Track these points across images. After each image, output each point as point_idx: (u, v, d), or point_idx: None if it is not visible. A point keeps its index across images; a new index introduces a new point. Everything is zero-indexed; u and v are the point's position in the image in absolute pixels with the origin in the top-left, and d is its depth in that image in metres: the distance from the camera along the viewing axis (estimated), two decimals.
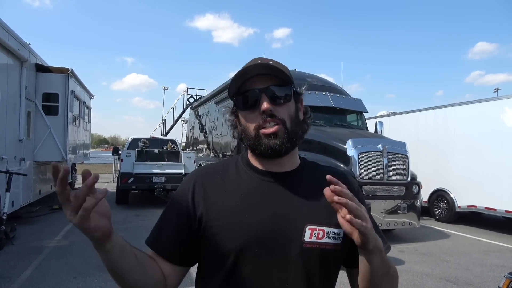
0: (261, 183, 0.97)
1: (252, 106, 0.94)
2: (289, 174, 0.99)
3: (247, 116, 0.95)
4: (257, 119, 0.93)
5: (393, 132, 9.97)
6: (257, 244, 0.90)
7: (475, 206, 8.54)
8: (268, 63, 0.93)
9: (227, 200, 0.95)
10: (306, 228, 0.91)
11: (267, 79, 0.94)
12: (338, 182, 0.79)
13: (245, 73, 0.93)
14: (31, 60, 7.83)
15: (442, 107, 9.89)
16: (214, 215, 0.94)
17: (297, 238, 0.91)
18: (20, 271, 4.60)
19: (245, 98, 0.95)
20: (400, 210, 6.66)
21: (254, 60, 0.97)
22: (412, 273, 5.10)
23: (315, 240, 0.91)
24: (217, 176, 1.00)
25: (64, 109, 8.74)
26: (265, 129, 0.92)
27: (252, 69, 0.93)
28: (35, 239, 6.18)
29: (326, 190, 0.78)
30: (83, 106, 11.48)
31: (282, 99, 0.94)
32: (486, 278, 5.00)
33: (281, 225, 0.91)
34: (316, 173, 1.03)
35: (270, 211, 0.93)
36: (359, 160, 6.40)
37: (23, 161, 7.32)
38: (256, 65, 0.93)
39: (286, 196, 0.95)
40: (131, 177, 9.80)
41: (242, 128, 0.98)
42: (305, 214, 0.93)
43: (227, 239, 0.91)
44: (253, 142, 0.94)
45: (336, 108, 8.19)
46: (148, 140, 11.71)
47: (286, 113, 0.95)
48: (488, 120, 8.39)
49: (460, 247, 6.74)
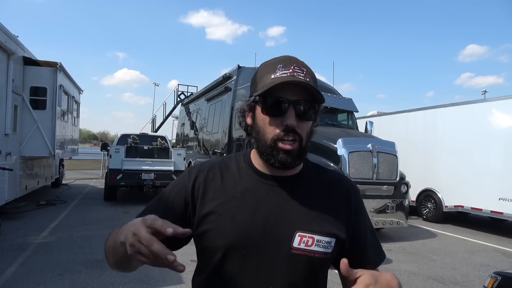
0: (259, 185, 0.97)
1: (276, 114, 0.91)
2: (289, 179, 0.98)
3: (267, 121, 0.92)
4: (278, 128, 0.91)
5: (383, 132, 10.05)
6: (246, 244, 0.91)
7: (462, 206, 8.67)
8: (308, 82, 0.89)
9: (223, 197, 0.95)
10: (296, 234, 0.91)
11: (299, 91, 0.91)
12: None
13: (281, 82, 0.88)
14: (19, 53, 7.68)
15: (431, 108, 10.00)
16: (209, 210, 0.94)
17: (285, 243, 0.91)
18: (4, 268, 4.51)
19: (271, 104, 0.91)
20: (388, 210, 6.72)
21: (287, 61, 0.92)
22: (399, 272, 5.15)
23: (304, 247, 0.91)
24: (218, 172, 1.00)
25: (52, 103, 8.59)
26: (284, 144, 0.91)
27: (290, 80, 0.88)
28: (20, 235, 6.08)
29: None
30: (72, 101, 11.31)
31: (307, 117, 0.93)
32: (472, 277, 5.07)
33: (272, 228, 0.91)
34: (318, 178, 1.03)
35: (263, 213, 0.93)
36: (349, 159, 6.44)
37: (9, 156, 7.18)
38: (294, 77, 0.89)
39: (282, 200, 0.95)
40: (120, 173, 9.70)
41: (257, 129, 0.95)
42: (297, 220, 0.93)
43: (218, 236, 0.92)
44: (267, 151, 0.93)
45: (327, 107, 8.21)
46: (138, 136, 11.62)
47: (305, 130, 0.93)
48: (475, 122, 8.51)
49: (447, 247, 6.83)
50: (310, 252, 0.92)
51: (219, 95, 10.43)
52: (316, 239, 0.92)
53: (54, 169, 11.50)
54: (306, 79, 0.90)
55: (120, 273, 4.43)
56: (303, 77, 0.90)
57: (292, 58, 0.94)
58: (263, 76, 0.93)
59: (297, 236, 0.91)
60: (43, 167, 10.04)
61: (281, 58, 0.94)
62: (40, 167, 9.79)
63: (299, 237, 0.91)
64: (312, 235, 0.92)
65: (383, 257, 1.07)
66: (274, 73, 0.91)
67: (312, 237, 0.92)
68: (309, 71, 0.93)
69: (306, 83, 0.89)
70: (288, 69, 0.90)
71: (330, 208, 0.97)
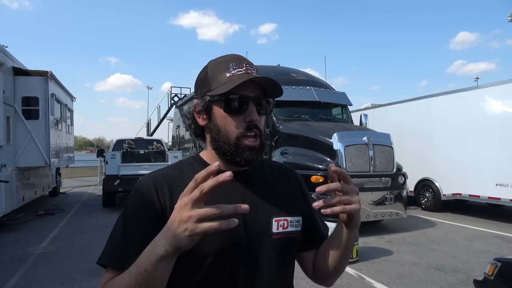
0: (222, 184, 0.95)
1: (238, 111, 0.91)
2: (246, 172, 0.98)
3: (228, 120, 0.92)
4: (240, 126, 0.91)
5: (378, 124, 10.05)
6: (233, 244, 0.90)
7: (460, 194, 8.71)
8: (267, 77, 0.92)
9: None
10: (272, 220, 0.95)
11: (255, 87, 0.93)
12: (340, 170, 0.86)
13: (243, 80, 0.88)
14: (8, 64, 7.63)
15: (425, 97, 10.04)
16: None
17: (266, 231, 0.94)
18: (6, 280, 4.49)
19: (235, 101, 0.91)
20: (387, 201, 6.74)
21: (238, 60, 0.94)
22: (401, 262, 5.17)
23: (282, 230, 0.96)
24: (178, 180, 0.92)
25: (45, 112, 8.55)
26: (249, 141, 0.92)
27: (249, 78, 0.89)
28: (20, 246, 6.05)
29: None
30: (65, 109, 11.26)
31: (265, 111, 0.96)
32: (473, 264, 5.11)
33: (251, 221, 0.93)
34: (265, 168, 1.06)
35: None
36: (345, 153, 6.45)
37: (4, 168, 7.13)
38: (249, 74, 0.91)
39: (250, 193, 0.96)
40: (117, 179, 9.66)
41: (217, 128, 0.94)
42: (269, 207, 0.96)
43: (204, 243, 0.82)
44: (231, 149, 0.92)
45: (321, 102, 8.23)
46: (133, 141, 11.57)
47: (262, 125, 0.96)
48: (469, 109, 8.54)
49: (447, 235, 6.87)
50: (288, 233, 0.97)
51: None
52: (290, 220, 0.97)
53: (51, 178, 11.44)
54: (258, 75, 0.93)
55: None
56: (256, 74, 0.93)
57: (241, 57, 0.96)
58: (217, 75, 0.92)
59: (274, 222, 0.95)
60: (39, 176, 9.99)
61: (230, 57, 0.95)
62: (37, 177, 9.74)
63: (275, 222, 0.95)
64: (286, 217, 0.97)
65: (328, 229, 1.13)
66: (229, 71, 0.91)
67: (286, 219, 0.97)
68: (257, 68, 0.96)
69: (266, 78, 0.91)
70: (242, 67, 0.92)
71: (288, 191, 1.04)
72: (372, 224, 7.32)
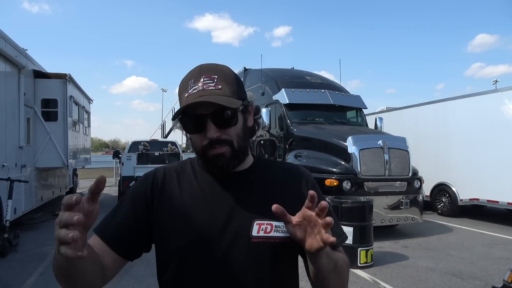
0: (213, 184, 0.98)
1: (197, 130, 0.92)
2: (241, 174, 0.99)
3: (193, 137, 0.95)
4: (204, 141, 0.92)
5: (393, 127, 9.96)
6: (204, 240, 0.91)
7: (477, 199, 8.54)
8: (219, 90, 0.90)
9: (179, 199, 0.97)
10: (253, 223, 0.93)
11: (212, 102, 0.89)
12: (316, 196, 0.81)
13: (188, 104, 0.89)
14: (29, 67, 7.83)
15: (441, 101, 9.90)
16: (165, 213, 0.96)
17: (244, 233, 0.92)
18: (25, 278, 4.60)
19: (189, 123, 0.93)
20: (402, 206, 6.66)
21: (196, 74, 0.93)
22: (417, 268, 5.10)
23: (263, 234, 0.92)
24: (174, 174, 1.03)
25: (63, 114, 8.73)
26: (213, 150, 0.92)
27: (198, 100, 0.88)
28: (38, 245, 6.18)
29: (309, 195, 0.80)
30: (82, 110, 11.48)
31: (229, 124, 0.92)
32: (491, 271, 5.00)
33: (229, 222, 0.93)
34: (270, 170, 1.05)
35: (219, 210, 0.94)
36: (360, 156, 6.41)
37: (24, 168, 7.31)
38: (204, 90, 0.90)
39: (237, 195, 0.96)
40: (133, 180, 9.79)
41: (190, 140, 0.99)
42: (254, 210, 0.94)
43: (176, 236, 0.93)
44: (202, 159, 0.96)
45: (335, 105, 8.20)
46: (148, 143, 11.72)
47: (234, 133, 0.93)
48: (487, 113, 8.38)
49: (464, 241, 6.73)
50: (270, 238, 0.92)
51: None
52: (275, 225, 0.92)
53: (68, 179, 11.66)
54: (217, 87, 0.90)
55: (137, 281, 4.49)
56: (213, 87, 0.90)
57: (203, 67, 0.94)
58: (181, 95, 0.94)
59: (255, 225, 0.92)
60: (57, 177, 10.20)
61: (192, 72, 0.94)
62: (55, 177, 9.94)
63: (257, 225, 0.92)
64: (270, 222, 0.92)
65: (344, 236, 1.04)
66: (187, 91, 0.91)
67: (270, 223, 0.93)
68: (221, 76, 0.92)
69: (209, 101, 0.87)
70: (198, 83, 0.91)
71: (284, 194, 0.98)
72: (387, 229, 7.23)
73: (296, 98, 7.98)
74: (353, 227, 5.04)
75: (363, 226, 5.18)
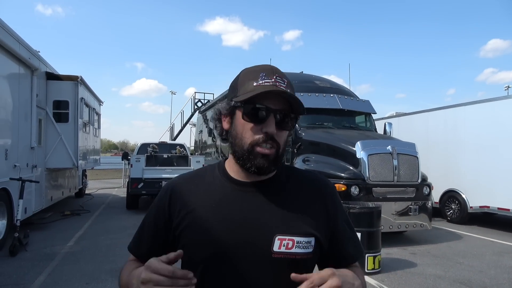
0: (234, 193, 0.97)
1: (256, 121, 0.92)
2: (263, 183, 0.98)
3: (246, 127, 0.93)
4: (257, 135, 0.92)
5: (402, 133, 9.90)
6: (226, 254, 0.91)
7: (488, 207, 8.42)
8: (290, 93, 0.91)
9: (199, 210, 0.95)
10: (275, 238, 0.91)
11: (279, 100, 0.92)
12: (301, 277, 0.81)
13: (265, 91, 0.89)
14: (42, 69, 7.95)
15: (451, 106, 9.80)
16: (187, 224, 0.95)
17: (265, 248, 0.90)
18: (34, 277, 4.65)
19: (253, 110, 0.92)
20: (411, 212, 6.60)
21: (269, 71, 0.94)
22: (425, 275, 5.04)
23: (284, 250, 0.91)
24: (192, 185, 1.01)
25: (74, 116, 8.84)
26: (261, 148, 0.91)
27: (274, 89, 0.90)
28: (47, 245, 6.25)
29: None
30: (93, 112, 11.60)
31: (286, 127, 0.95)
32: (501, 280, 4.92)
33: (250, 235, 0.91)
34: (292, 179, 1.03)
35: (240, 220, 0.92)
36: (368, 162, 6.37)
37: (35, 168, 7.41)
38: (276, 86, 0.91)
39: (258, 205, 0.95)
40: (141, 182, 9.86)
41: (235, 134, 0.96)
42: (275, 224, 0.93)
43: (197, 249, 0.93)
44: (244, 155, 0.93)
45: (344, 110, 8.17)
46: (157, 145, 11.79)
47: (283, 139, 0.95)
48: (499, 119, 8.28)
49: (473, 249, 6.64)
50: (291, 254, 0.91)
51: None
52: (296, 241, 0.91)
53: (77, 180, 11.78)
54: (287, 89, 0.91)
55: None
56: (284, 88, 0.91)
57: (274, 68, 0.95)
58: (245, 83, 0.94)
59: (277, 240, 0.91)
60: (67, 178, 10.32)
61: (263, 67, 0.96)
62: (64, 178, 10.06)
63: (278, 240, 0.91)
64: (292, 237, 0.91)
65: (362, 251, 1.08)
66: (257, 80, 0.92)
67: (292, 239, 0.91)
68: (289, 82, 0.94)
69: (289, 93, 0.90)
70: (271, 78, 0.92)
71: (306, 208, 0.97)
72: (395, 235, 7.17)
73: (305, 102, 7.81)
74: (361, 232, 5.00)
75: (371, 232, 5.14)
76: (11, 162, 6.19)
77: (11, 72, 6.40)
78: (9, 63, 6.27)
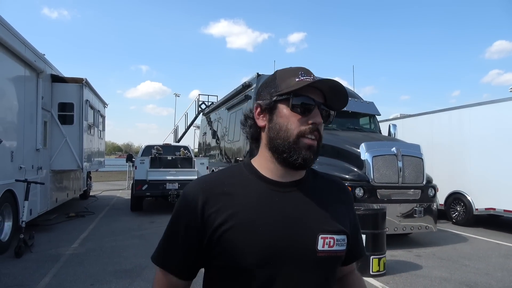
0: (271, 194, 0.95)
1: (304, 112, 0.94)
2: (297, 183, 0.98)
3: (291, 119, 0.94)
4: (303, 126, 0.94)
5: (407, 134, 9.86)
6: (273, 257, 0.89)
7: (494, 209, 8.36)
8: (344, 86, 0.97)
9: (238, 214, 0.91)
10: (318, 237, 0.92)
11: (319, 95, 0.97)
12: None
13: (315, 81, 0.94)
14: (47, 71, 8.00)
15: (456, 108, 9.75)
16: (228, 228, 0.89)
17: (310, 248, 0.91)
18: (39, 279, 4.67)
19: (302, 102, 0.94)
20: (416, 214, 6.56)
21: (305, 70, 0.98)
22: (430, 278, 5.01)
23: (328, 248, 0.93)
24: (224, 188, 0.95)
25: (79, 118, 8.88)
26: (308, 139, 0.94)
27: (331, 84, 0.95)
28: (52, 246, 6.28)
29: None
30: (98, 114, 11.65)
31: (327, 120, 1.00)
32: (508, 283, 4.88)
33: (294, 236, 0.91)
34: (319, 181, 1.05)
35: (282, 222, 0.92)
36: (373, 163, 6.35)
37: (40, 170, 7.46)
38: (334, 82, 0.95)
39: (297, 205, 0.95)
40: (145, 184, 9.90)
41: (277, 127, 0.95)
42: (316, 223, 0.94)
43: (242, 254, 0.88)
44: (289, 147, 0.93)
45: (348, 111, 8.15)
46: (161, 147, 11.82)
47: (321, 132, 0.98)
48: (504, 121, 8.22)
49: (479, 251, 6.59)
50: (333, 252, 0.94)
51: (239, 104, 10.52)
52: (336, 239, 0.94)
53: (82, 182, 11.84)
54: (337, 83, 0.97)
55: (150, 284, 4.51)
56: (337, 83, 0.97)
57: (308, 70, 0.99)
58: (286, 79, 0.96)
59: (320, 239, 0.92)
60: (71, 180, 10.37)
61: (298, 67, 0.99)
62: (69, 180, 10.11)
63: (321, 239, 0.92)
64: (333, 236, 0.94)
65: (364, 250, 1.17)
66: (298, 77, 0.95)
67: (332, 237, 0.94)
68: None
69: (343, 86, 0.96)
70: (310, 75, 0.96)
71: (336, 207, 1.01)
72: (400, 237, 7.13)
73: None
74: (365, 234, 4.98)
75: (376, 234, 5.12)
76: (16, 164, 6.23)
77: (17, 75, 6.45)
78: (15, 66, 6.32)
